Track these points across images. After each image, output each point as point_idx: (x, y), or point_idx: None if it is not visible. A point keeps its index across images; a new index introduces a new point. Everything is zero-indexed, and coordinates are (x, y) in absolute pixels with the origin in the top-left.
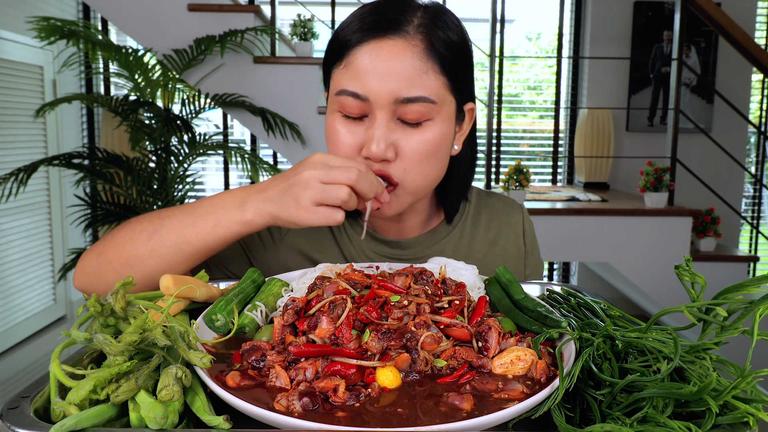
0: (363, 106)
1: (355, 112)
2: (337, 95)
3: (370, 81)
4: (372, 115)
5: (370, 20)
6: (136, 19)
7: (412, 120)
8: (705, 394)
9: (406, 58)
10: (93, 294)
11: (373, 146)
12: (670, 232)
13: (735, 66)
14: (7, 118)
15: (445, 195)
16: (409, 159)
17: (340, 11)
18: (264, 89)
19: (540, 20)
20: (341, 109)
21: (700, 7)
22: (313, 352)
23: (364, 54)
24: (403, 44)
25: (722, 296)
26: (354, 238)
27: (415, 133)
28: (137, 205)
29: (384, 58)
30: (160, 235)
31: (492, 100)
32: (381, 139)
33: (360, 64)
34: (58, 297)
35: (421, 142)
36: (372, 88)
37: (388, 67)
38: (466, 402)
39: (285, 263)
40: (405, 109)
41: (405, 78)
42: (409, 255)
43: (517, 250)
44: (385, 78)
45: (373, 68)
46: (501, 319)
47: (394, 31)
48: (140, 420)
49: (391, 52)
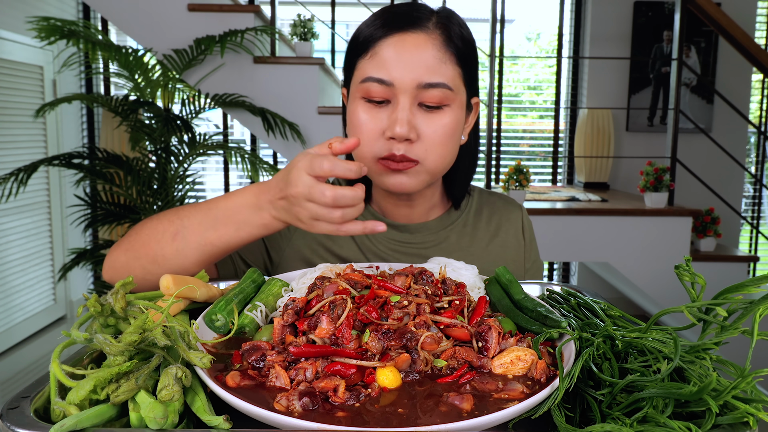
0: (387, 91)
1: (379, 96)
2: (362, 82)
3: (395, 68)
4: (395, 100)
5: (393, 17)
6: (136, 19)
7: (433, 103)
8: (705, 394)
9: (428, 48)
10: (93, 294)
11: (398, 128)
12: (670, 232)
13: (735, 66)
14: (7, 118)
15: (452, 181)
16: (429, 140)
17: (340, 11)
18: (264, 89)
19: (540, 20)
20: (366, 95)
21: (700, 7)
22: (313, 352)
23: (390, 45)
24: (425, 37)
25: (722, 296)
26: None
27: (434, 117)
28: (137, 205)
29: (408, 48)
30: (183, 236)
31: (492, 100)
32: (404, 121)
33: (386, 54)
34: (58, 297)
35: (440, 125)
36: (396, 74)
37: (411, 56)
38: (466, 402)
39: (299, 250)
40: (426, 94)
41: (426, 66)
42: (416, 240)
43: (517, 243)
44: (408, 66)
45: (398, 57)
46: (501, 319)
47: (416, 26)
48: (140, 420)
49: (414, 44)
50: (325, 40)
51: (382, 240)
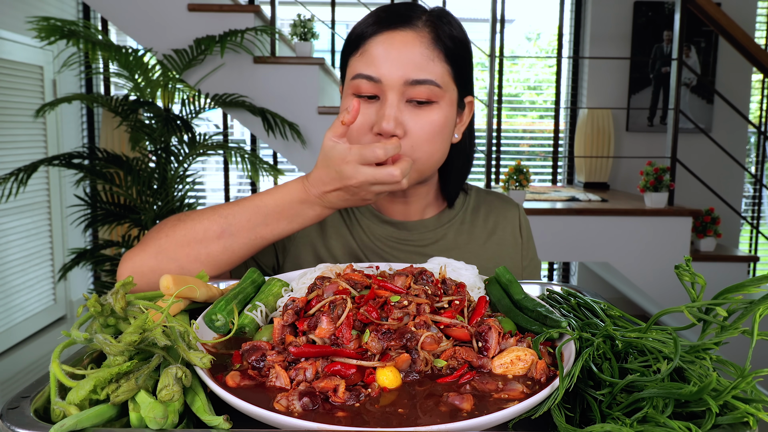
0: (376, 87)
1: (368, 92)
2: (353, 79)
3: (383, 65)
4: (383, 97)
5: (384, 16)
6: (136, 19)
7: (425, 99)
8: (705, 394)
9: (416, 46)
10: (93, 294)
11: (384, 123)
12: (670, 232)
13: (735, 66)
14: (7, 118)
15: (447, 180)
16: (416, 137)
17: (340, 11)
18: (264, 89)
19: (540, 20)
20: (356, 91)
21: (700, 7)
22: (313, 352)
23: (379, 43)
24: (413, 35)
25: (722, 296)
26: (362, 220)
27: (422, 114)
28: (137, 205)
29: (396, 46)
30: (230, 234)
31: (492, 100)
32: (391, 117)
33: (375, 52)
34: (58, 297)
35: (428, 122)
36: (384, 71)
37: (399, 53)
38: (466, 402)
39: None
40: (414, 90)
41: (414, 63)
42: (414, 237)
43: (514, 241)
44: (396, 63)
45: (386, 55)
46: (501, 319)
47: (405, 24)
48: (140, 420)
49: (402, 41)
50: (325, 40)
51: (380, 237)
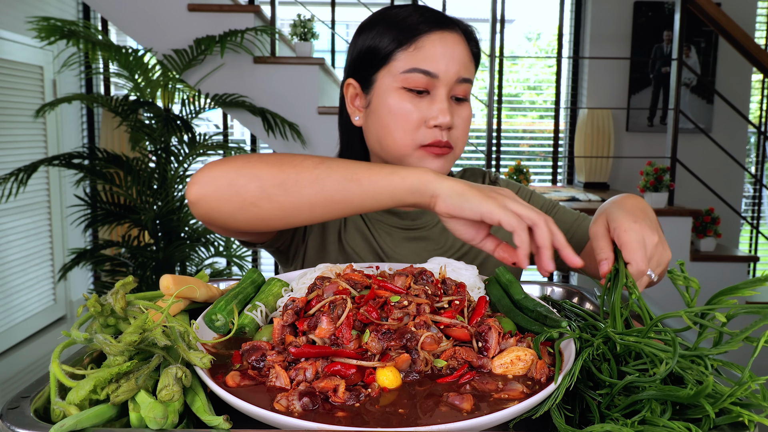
0: (429, 82)
1: (421, 86)
2: (405, 73)
3: (441, 62)
4: (435, 92)
5: (429, 15)
6: (136, 19)
7: (463, 96)
8: (702, 397)
9: (463, 47)
10: (93, 294)
11: (442, 117)
12: (670, 232)
13: (735, 66)
14: (7, 118)
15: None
16: (459, 129)
17: (340, 11)
18: (264, 89)
19: (540, 20)
20: (407, 84)
21: (700, 7)
22: (313, 352)
23: (435, 40)
24: (459, 37)
25: (717, 299)
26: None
27: (461, 108)
28: (137, 205)
29: (450, 45)
30: (328, 166)
31: (492, 100)
32: (447, 111)
33: (432, 48)
34: (58, 297)
35: (465, 116)
36: (442, 67)
37: (453, 52)
38: (466, 402)
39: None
40: (458, 87)
41: (463, 63)
42: (418, 225)
43: None
44: (451, 61)
45: (443, 52)
46: (501, 319)
47: (452, 26)
48: (140, 420)
49: (455, 41)
50: (325, 40)
51: (384, 227)
